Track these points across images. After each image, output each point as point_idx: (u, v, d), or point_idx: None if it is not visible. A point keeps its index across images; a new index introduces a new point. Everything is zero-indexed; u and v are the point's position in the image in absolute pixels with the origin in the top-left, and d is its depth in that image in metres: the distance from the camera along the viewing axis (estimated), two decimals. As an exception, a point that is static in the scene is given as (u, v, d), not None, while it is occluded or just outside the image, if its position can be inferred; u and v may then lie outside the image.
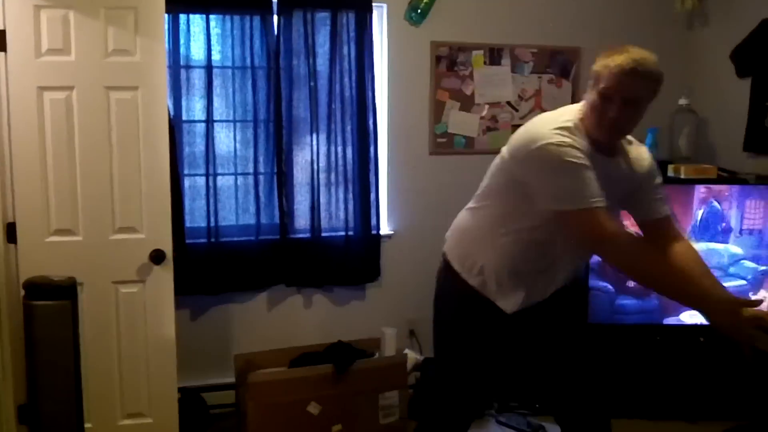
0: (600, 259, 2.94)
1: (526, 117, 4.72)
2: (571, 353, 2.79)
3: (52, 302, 2.81)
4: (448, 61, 4.59)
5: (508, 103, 4.72)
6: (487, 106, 4.68)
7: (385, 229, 4.59)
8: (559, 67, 4.79)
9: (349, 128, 4.41)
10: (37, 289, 2.84)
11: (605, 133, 2.44)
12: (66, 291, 2.84)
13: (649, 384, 4.27)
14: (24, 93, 3.38)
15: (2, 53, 3.36)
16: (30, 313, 2.84)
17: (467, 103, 4.64)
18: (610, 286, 4.28)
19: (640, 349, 4.28)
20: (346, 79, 4.38)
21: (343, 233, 4.47)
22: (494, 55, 4.67)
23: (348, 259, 4.48)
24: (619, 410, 3.62)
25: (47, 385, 2.88)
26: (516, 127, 4.58)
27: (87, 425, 3.19)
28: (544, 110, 4.71)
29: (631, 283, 4.16)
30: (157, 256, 3.51)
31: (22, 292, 2.99)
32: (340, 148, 4.41)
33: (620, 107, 2.36)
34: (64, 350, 2.85)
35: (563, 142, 2.38)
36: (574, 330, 2.87)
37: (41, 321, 2.81)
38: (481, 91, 4.66)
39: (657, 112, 3.00)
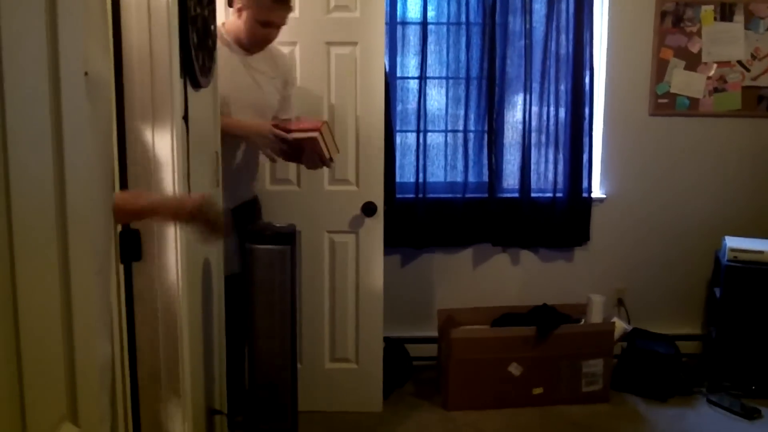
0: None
1: (758, 78, 4.37)
2: None
3: (273, 246, 2.94)
4: (674, 16, 4.31)
5: (739, 62, 4.37)
6: (715, 66, 4.36)
7: (596, 192, 4.43)
8: (799, 24, 4.37)
9: (562, 87, 4.29)
10: (260, 233, 2.99)
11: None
12: (286, 237, 2.97)
13: None
14: (252, 48, 3.55)
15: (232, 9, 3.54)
16: (253, 256, 3.00)
17: (693, 62, 4.35)
18: None
19: None
20: (563, 36, 4.24)
21: (551, 195, 4.37)
22: (726, 11, 4.33)
23: (556, 222, 4.38)
24: None
25: (265, 325, 3.03)
26: (747, 89, 4.35)
27: (297, 365, 3.35)
28: (779, 71, 4.37)
29: None
30: (368, 209, 3.61)
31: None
32: (552, 108, 4.30)
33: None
34: (282, 293, 2.98)
35: None
36: None
37: (262, 264, 2.96)
38: (709, 49, 4.35)
39: None
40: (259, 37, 3.07)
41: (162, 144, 2.30)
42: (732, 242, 4.09)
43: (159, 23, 2.24)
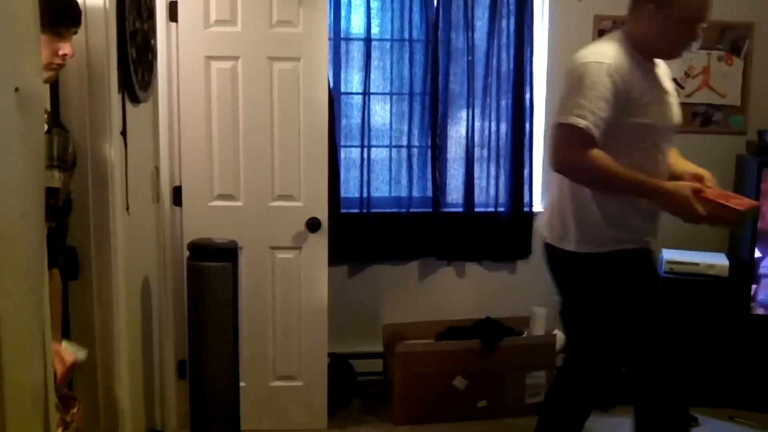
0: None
1: (692, 95, 4.48)
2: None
3: (215, 263, 2.92)
4: (611, 35, 4.41)
5: (674, 80, 4.46)
6: (650, 83, 4.47)
7: (538, 206, 4.49)
8: (730, 43, 4.50)
9: (504, 103, 4.34)
10: (202, 250, 2.96)
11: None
12: (228, 253, 2.95)
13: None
14: (192, 62, 3.53)
15: (174, 23, 3.52)
16: (194, 273, 2.97)
17: (630, 79, 4.45)
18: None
19: None
20: (504, 54, 4.30)
21: (493, 209, 4.41)
22: (661, 29, 4.44)
23: (499, 236, 4.42)
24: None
25: (208, 343, 3.00)
26: (681, 105, 4.43)
27: (241, 384, 3.31)
28: (712, 89, 4.49)
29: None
30: (313, 224, 3.59)
31: (187, 253, 3.13)
32: (494, 123, 4.35)
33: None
34: (225, 310, 2.96)
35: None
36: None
37: (204, 281, 2.93)
38: (645, 66, 4.45)
39: None
40: (685, 39, 2.60)
41: (99, 160, 2.26)
42: (668, 254, 4.18)
43: (96, 38, 2.21)
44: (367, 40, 4.19)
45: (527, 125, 4.34)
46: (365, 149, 4.26)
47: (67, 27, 1.92)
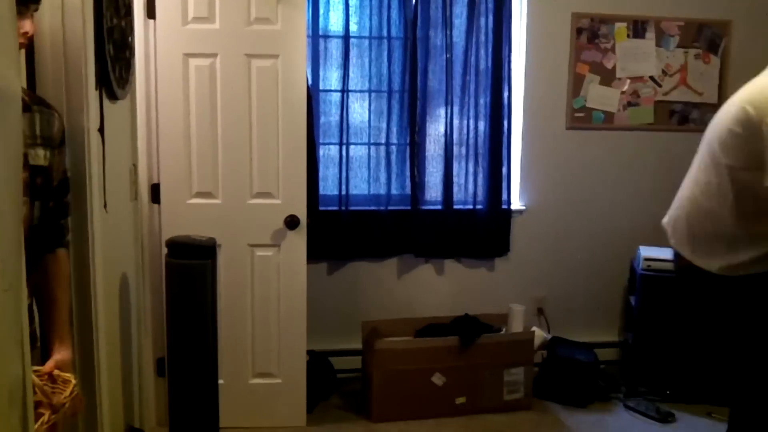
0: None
1: (669, 93, 4.53)
2: None
3: (193, 261, 2.91)
4: (589, 33, 4.44)
5: (652, 78, 4.53)
6: (628, 81, 4.51)
7: (516, 204, 4.52)
8: (707, 42, 4.55)
9: (482, 101, 4.36)
10: (180, 247, 2.95)
11: None
12: (207, 251, 2.94)
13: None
14: (170, 59, 3.51)
15: (151, 20, 3.50)
16: (172, 271, 2.95)
17: (608, 77, 4.49)
18: None
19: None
20: (482, 51, 4.32)
21: (472, 206, 4.44)
22: (638, 28, 4.48)
23: (477, 233, 4.44)
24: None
25: (186, 340, 2.99)
26: (659, 103, 4.51)
27: (220, 381, 3.31)
28: (689, 87, 4.53)
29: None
30: (291, 222, 3.59)
31: (165, 251, 3.11)
32: (473, 121, 4.37)
33: None
34: (203, 308, 2.94)
35: None
36: None
37: (183, 278, 2.92)
38: (623, 65, 4.49)
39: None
40: None
41: (77, 157, 2.25)
42: (646, 251, 4.22)
43: (73, 34, 2.19)
44: (346, 37, 4.19)
45: (505, 123, 4.36)
46: (344, 147, 4.26)
47: (27, 4, 1.88)
